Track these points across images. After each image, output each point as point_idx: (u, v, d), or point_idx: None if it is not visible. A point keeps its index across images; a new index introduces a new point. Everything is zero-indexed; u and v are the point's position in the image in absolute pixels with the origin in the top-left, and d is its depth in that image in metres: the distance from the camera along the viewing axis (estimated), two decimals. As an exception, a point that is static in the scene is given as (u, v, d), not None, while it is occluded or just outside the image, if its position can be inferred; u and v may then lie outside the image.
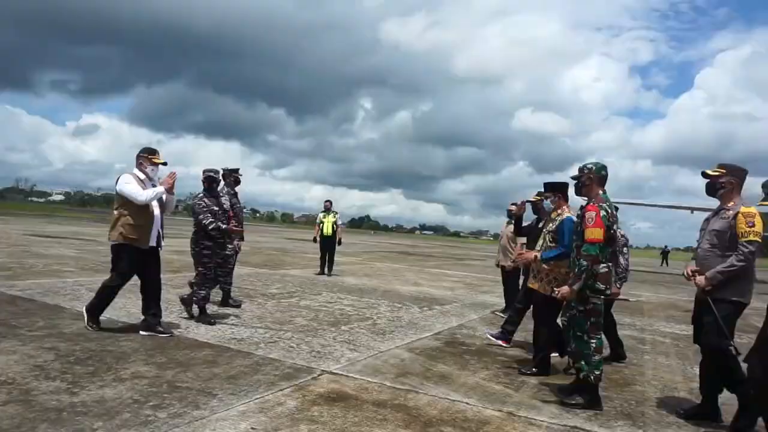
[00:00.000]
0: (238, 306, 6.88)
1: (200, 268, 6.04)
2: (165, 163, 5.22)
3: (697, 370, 5.49)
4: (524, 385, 4.41)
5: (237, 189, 7.25)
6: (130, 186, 4.94)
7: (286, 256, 17.67)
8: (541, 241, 4.81)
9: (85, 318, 5.00)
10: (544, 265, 4.68)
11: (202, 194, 6.18)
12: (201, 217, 5.95)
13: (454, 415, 3.53)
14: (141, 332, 4.98)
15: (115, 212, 5.02)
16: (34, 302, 6.05)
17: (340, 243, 12.85)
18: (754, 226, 3.59)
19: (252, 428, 3.04)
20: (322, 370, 4.30)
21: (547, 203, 4.94)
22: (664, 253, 42.72)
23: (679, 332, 7.80)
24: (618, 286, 5.40)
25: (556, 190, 4.83)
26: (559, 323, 4.40)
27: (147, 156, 5.15)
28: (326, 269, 12.22)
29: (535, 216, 6.00)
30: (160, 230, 5.20)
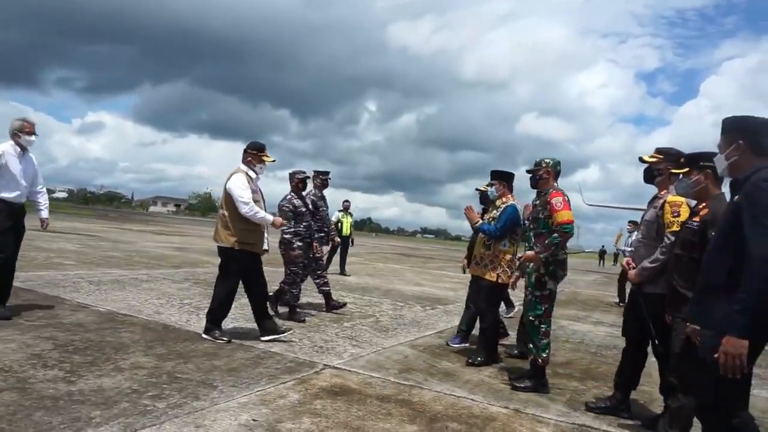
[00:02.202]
0: (342, 306, 6.72)
1: (292, 268, 6.13)
2: (274, 161, 5.06)
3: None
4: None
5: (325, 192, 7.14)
6: (244, 193, 4.62)
7: (287, 255, 17.55)
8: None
9: (213, 335, 4.65)
10: (487, 251, 4.78)
11: (290, 195, 6.25)
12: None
13: (460, 411, 3.45)
14: (262, 339, 4.78)
15: (225, 213, 4.70)
16: (34, 293, 5.98)
17: (353, 243, 12.84)
18: (679, 215, 3.40)
19: (253, 419, 2.95)
20: (325, 365, 4.21)
21: (492, 191, 4.98)
22: (601, 253, 43.55)
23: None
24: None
25: (502, 178, 4.94)
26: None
27: (256, 153, 4.87)
28: (341, 268, 12.21)
29: (482, 206, 5.87)
30: (266, 234, 5.02)
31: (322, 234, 6.89)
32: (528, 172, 4.39)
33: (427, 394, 3.73)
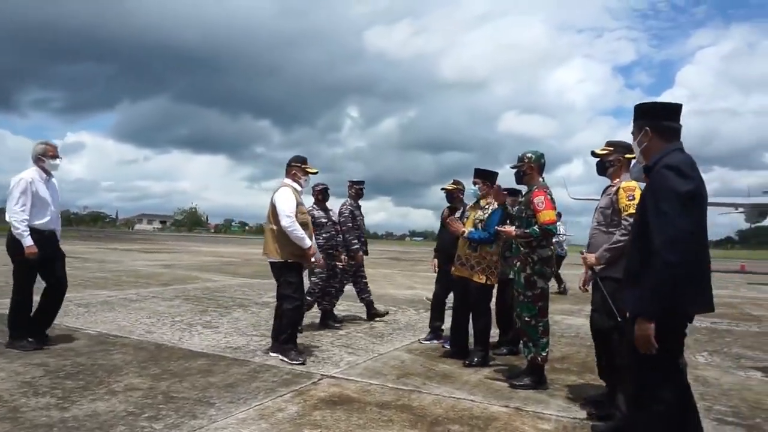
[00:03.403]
0: (339, 323, 6.58)
1: (313, 279, 6.19)
2: (317, 172, 5.06)
3: (699, 358, 5.50)
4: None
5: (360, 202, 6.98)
6: (288, 205, 4.61)
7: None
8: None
9: (289, 357, 4.51)
10: (473, 252, 4.73)
11: (311, 207, 6.26)
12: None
13: (461, 413, 3.44)
14: (271, 353, 4.67)
15: (273, 227, 4.68)
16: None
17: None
18: (634, 199, 3.44)
19: (253, 435, 2.92)
20: (322, 375, 4.18)
21: (474, 189, 4.94)
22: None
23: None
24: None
25: (486, 178, 4.91)
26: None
27: (300, 165, 4.87)
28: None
29: (449, 205, 5.89)
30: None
31: (360, 242, 6.81)
32: (512, 168, 4.38)
33: (426, 398, 3.72)
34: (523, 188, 4.54)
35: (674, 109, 2.42)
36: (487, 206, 4.83)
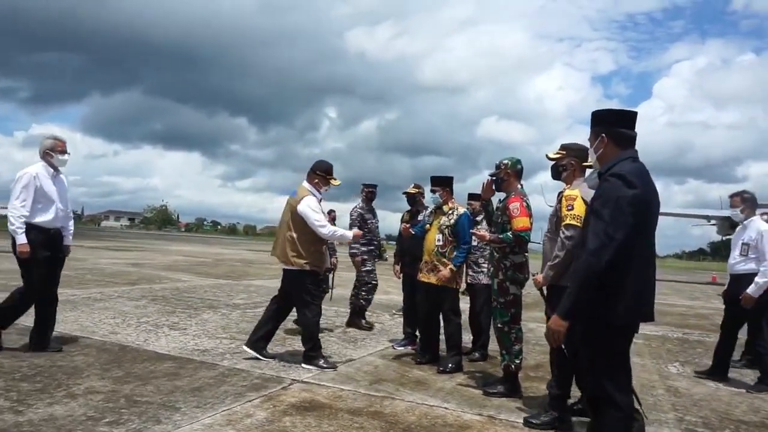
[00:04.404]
0: (370, 328, 6.70)
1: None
2: (340, 184, 4.99)
3: (671, 368, 5.60)
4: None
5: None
6: (320, 216, 4.60)
7: (249, 267, 17.28)
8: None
9: (318, 365, 4.48)
10: (441, 257, 4.75)
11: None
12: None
13: (434, 420, 3.42)
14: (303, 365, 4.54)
15: (293, 234, 4.58)
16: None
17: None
18: (572, 209, 3.40)
19: (219, 442, 2.85)
20: (293, 380, 4.13)
21: (436, 197, 4.98)
22: None
23: (649, 333, 7.91)
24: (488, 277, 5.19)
25: (445, 184, 4.99)
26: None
27: (324, 176, 4.80)
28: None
29: (410, 208, 6.05)
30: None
31: (372, 247, 6.85)
32: (491, 176, 4.39)
33: (399, 405, 3.70)
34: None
35: (630, 117, 2.45)
36: (451, 212, 4.87)
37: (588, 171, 3.68)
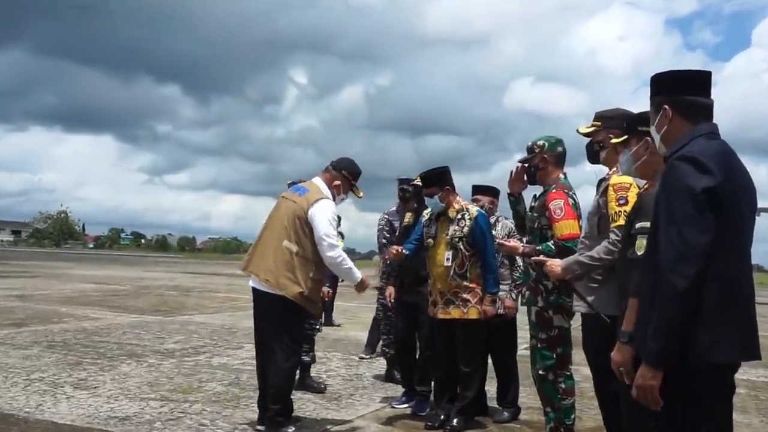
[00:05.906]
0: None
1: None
2: (361, 197, 5.12)
3: (754, 421, 5.62)
4: None
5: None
6: (333, 231, 4.63)
7: (187, 296, 17.31)
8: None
9: (276, 425, 4.50)
10: (462, 281, 4.76)
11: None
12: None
13: None
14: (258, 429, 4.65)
15: (294, 249, 4.56)
16: None
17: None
18: (626, 203, 3.31)
19: None
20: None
21: (434, 202, 4.94)
22: None
23: (756, 378, 7.94)
24: (513, 297, 5.38)
25: (440, 181, 4.93)
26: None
27: (351, 180, 4.95)
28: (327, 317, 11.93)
29: (416, 206, 5.94)
30: None
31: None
32: (521, 162, 4.40)
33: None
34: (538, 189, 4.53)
35: (702, 79, 2.45)
36: (460, 216, 4.84)
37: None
